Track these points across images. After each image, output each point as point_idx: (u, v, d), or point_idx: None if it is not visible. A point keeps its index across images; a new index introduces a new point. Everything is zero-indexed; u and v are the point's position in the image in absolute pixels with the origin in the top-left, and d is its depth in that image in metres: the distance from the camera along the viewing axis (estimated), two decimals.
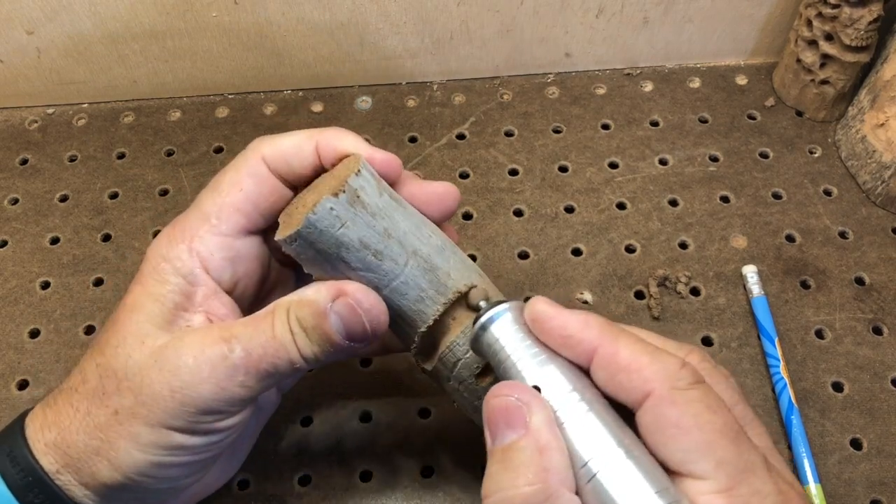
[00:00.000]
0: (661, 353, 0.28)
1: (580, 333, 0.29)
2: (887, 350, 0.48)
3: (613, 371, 0.28)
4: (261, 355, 0.32)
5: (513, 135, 0.58)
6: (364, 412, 0.46)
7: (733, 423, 0.27)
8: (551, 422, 0.28)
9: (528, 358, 0.30)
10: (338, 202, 0.32)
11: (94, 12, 0.54)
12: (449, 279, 0.34)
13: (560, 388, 0.29)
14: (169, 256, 0.35)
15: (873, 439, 0.45)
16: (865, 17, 0.51)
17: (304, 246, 0.33)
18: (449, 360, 0.35)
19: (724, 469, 0.26)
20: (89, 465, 0.33)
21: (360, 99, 0.61)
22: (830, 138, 0.58)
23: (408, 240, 0.34)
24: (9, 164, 0.57)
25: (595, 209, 0.54)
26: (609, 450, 0.27)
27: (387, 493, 0.43)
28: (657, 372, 0.28)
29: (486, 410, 0.29)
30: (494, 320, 0.31)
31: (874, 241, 0.52)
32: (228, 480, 0.41)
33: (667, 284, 0.50)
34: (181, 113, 0.60)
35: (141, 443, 0.32)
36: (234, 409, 0.33)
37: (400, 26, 0.57)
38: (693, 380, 0.28)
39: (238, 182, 0.35)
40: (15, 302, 0.50)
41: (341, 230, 0.32)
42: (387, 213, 0.34)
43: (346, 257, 0.33)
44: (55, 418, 0.34)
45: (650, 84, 0.61)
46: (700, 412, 0.27)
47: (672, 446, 0.27)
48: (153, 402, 0.32)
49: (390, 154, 0.36)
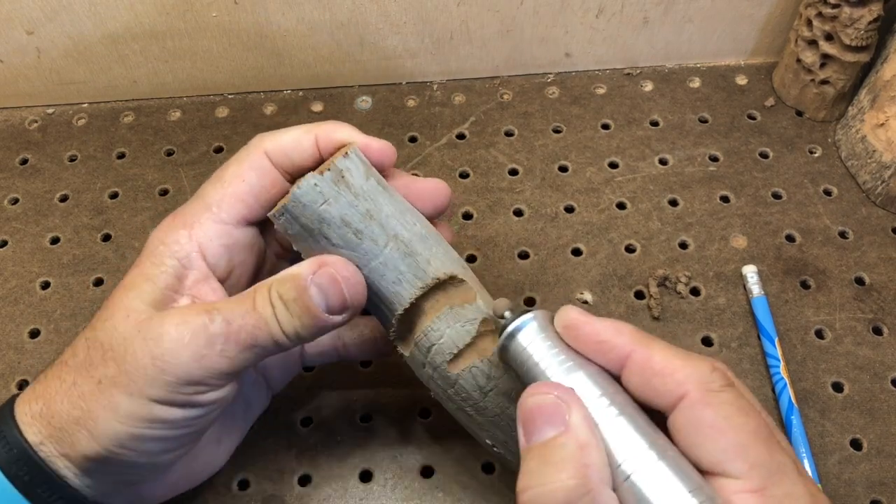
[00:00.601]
0: (693, 356, 0.29)
1: (613, 339, 0.30)
2: (887, 350, 0.48)
3: (648, 375, 0.29)
4: (240, 325, 0.33)
5: (513, 135, 0.58)
6: (364, 412, 0.46)
7: (765, 425, 0.28)
8: (590, 420, 0.28)
9: (556, 365, 0.30)
10: (322, 179, 0.34)
11: (94, 12, 0.54)
12: (429, 266, 0.36)
13: (590, 393, 0.29)
14: (167, 241, 0.36)
15: (873, 439, 0.45)
16: (865, 16, 0.51)
17: (290, 220, 0.35)
18: (423, 344, 0.36)
19: (758, 470, 0.26)
20: (69, 436, 0.33)
21: (360, 99, 0.61)
22: (830, 138, 0.58)
23: (389, 223, 0.35)
24: (9, 164, 0.57)
25: (595, 209, 0.54)
26: (642, 451, 0.27)
27: (387, 492, 0.43)
28: (690, 375, 0.28)
29: (523, 408, 0.29)
30: (521, 329, 0.32)
31: (874, 241, 0.52)
32: (216, 472, 0.42)
33: (667, 284, 0.50)
34: (181, 113, 0.60)
35: (120, 413, 0.33)
36: (215, 381, 0.34)
37: (400, 26, 0.57)
38: (725, 382, 0.28)
39: (241, 174, 0.37)
40: (15, 302, 0.50)
41: (324, 206, 0.34)
42: (371, 195, 0.35)
43: (328, 233, 0.35)
44: (43, 391, 0.35)
45: (650, 84, 0.61)
46: (733, 414, 0.27)
47: (707, 447, 0.27)
48: (135, 370, 0.33)
49: (385, 142, 0.37)
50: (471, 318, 0.36)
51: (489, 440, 0.38)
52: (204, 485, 0.43)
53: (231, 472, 0.44)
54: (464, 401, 0.36)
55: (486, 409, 0.36)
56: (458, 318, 0.36)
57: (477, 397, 0.36)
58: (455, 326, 0.36)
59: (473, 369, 0.36)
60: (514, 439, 0.36)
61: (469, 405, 0.36)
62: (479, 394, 0.36)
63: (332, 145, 0.37)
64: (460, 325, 0.36)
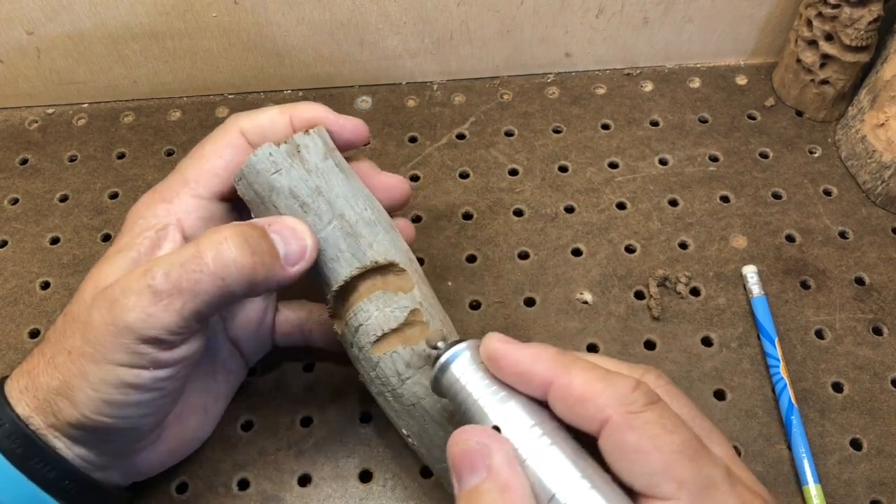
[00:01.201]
0: (614, 376, 0.29)
1: (533, 368, 0.30)
2: (887, 350, 0.48)
3: (570, 402, 0.29)
4: (179, 274, 0.33)
5: (513, 135, 0.58)
6: (364, 412, 0.46)
7: (691, 439, 0.28)
8: (512, 460, 0.28)
9: (489, 396, 0.30)
10: (277, 150, 0.36)
11: (94, 12, 0.54)
12: (370, 249, 0.37)
13: (521, 424, 0.29)
14: (146, 215, 0.38)
15: (873, 440, 0.45)
16: (865, 17, 0.51)
17: (246, 185, 0.37)
18: (353, 324, 0.37)
19: (687, 488, 0.26)
20: (52, 405, 0.34)
21: (360, 99, 0.61)
22: (830, 138, 0.58)
23: (338, 203, 0.37)
24: (9, 164, 0.57)
25: (595, 209, 0.54)
26: (573, 482, 0.27)
27: (387, 493, 0.43)
28: (611, 398, 0.28)
29: (450, 456, 0.29)
30: (453, 360, 0.32)
31: (874, 241, 0.52)
32: (206, 438, 0.43)
33: (667, 284, 0.50)
34: (181, 113, 0.60)
35: (91, 381, 0.33)
36: (172, 337, 0.34)
37: (400, 26, 0.57)
38: (647, 401, 0.28)
39: (218, 150, 0.38)
40: (15, 302, 0.50)
41: (275, 175, 0.36)
42: (324, 174, 0.37)
43: (276, 202, 0.36)
44: (28, 367, 0.36)
45: (650, 84, 0.61)
46: (657, 434, 0.27)
47: (635, 470, 0.27)
48: (95, 338, 0.33)
49: (358, 120, 0.39)
50: (402, 305, 0.37)
51: (405, 430, 0.38)
52: (204, 485, 0.43)
53: (231, 472, 0.44)
54: (383, 385, 0.37)
55: (403, 397, 0.37)
56: (389, 302, 0.37)
57: (395, 383, 0.37)
58: (384, 310, 0.37)
59: (394, 354, 0.36)
60: (426, 432, 0.37)
61: (388, 390, 0.37)
62: (397, 380, 0.37)
63: (306, 125, 0.38)
64: (390, 309, 0.37)
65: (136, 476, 0.40)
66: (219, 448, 0.44)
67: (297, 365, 0.47)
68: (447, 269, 0.51)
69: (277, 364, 0.47)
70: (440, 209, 0.54)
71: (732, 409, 0.46)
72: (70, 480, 0.35)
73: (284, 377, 0.47)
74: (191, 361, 0.36)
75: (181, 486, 0.43)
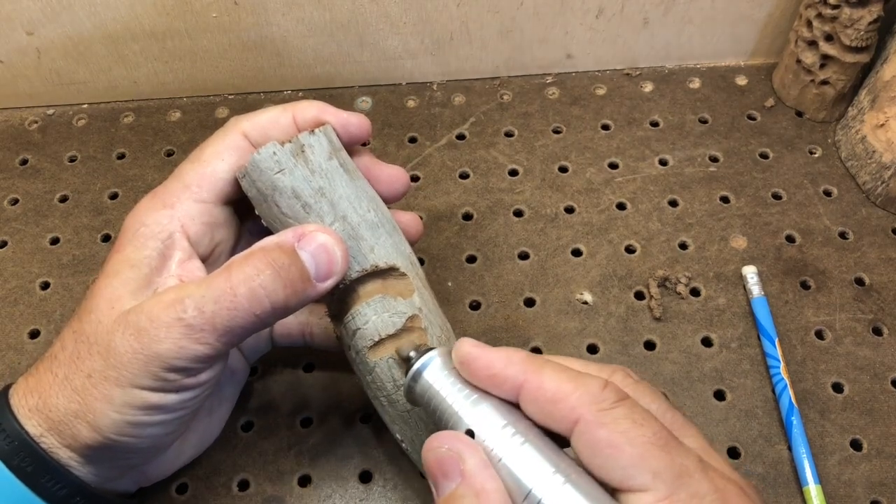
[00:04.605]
0: (584, 377, 0.29)
1: (504, 371, 0.30)
2: (887, 350, 0.48)
3: (541, 403, 0.29)
4: (213, 311, 0.33)
5: (513, 135, 0.58)
6: (364, 413, 0.46)
7: (661, 431, 0.28)
8: (485, 463, 0.29)
9: (462, 400, 0.31)
10: (281, 150, 0.36)
11: (94, 13, 0.54)
12: (371, 253, 0.36)
13: (494, 425, 0.30)
14: (148, 222, 0.36)
15: (873, 440, 0.45)
16: (865, 17, 0.51)
17: (249, 182, 0.36)
18: (350, 327, 0.37)
19: (661, 478, 0.27)
20: (70, 428, 0.34)
21: (360, 99, 0.61)
22: (830, 139, 0.58)
23: (341, 204, 0.36)
24: (9, 165, 0.57)
25: (595, 209, 0.54)
26: (548, 476, 0.28)
27: (387, 493, 0.43)
28: (581, 397, 0.28)
29: (426, 466, 0.30)
30: (425, 368, 0.32)
31: (874, 241, 0.52)
32: (213, 440, 0.43)
33: (667, 285, 0.50)
34: (181, 113, 0.60)
35: (115, 404, 0.33)
36: (201, 365, 0.34)
37: (400, 27, 0.57)
38: (616, 398, 0.28)
39: (219, 153, 0.38)
40: (15, 302, 0.50)
41: (278, 175, 0.35)
42: (329, 175, 0.36)
43: (279, 201, 0.36)
44: (36, 385, 0.35)
45: (650, 84, 0.61)
46: (628, 428, 0.27)
47: (609, 465, 0.27)
48: (120, 364, 0.33)
49: (361, 115, 0.39)
50: (400, 311, 0.37)
51: (399, 434, 0.38)
52: (204, 485, 0.43)
53: (231, 473, 0.44)
54: (379, 390, 0.37)
55: (398, 403, 0.37)
56: (388, 308, 0.37)
57: (390, 389, 0.37)
58: (382, 315, 0.36)
59: (390, 360, 0.36)
60: (419, 438, 0.37)
61: (383, 395, 0.37)
62: (392, 385, 0.37)
63: (311, 124, 0.38)
64: (388, 315, 0.36)
65: (145, 482, 0.40)
66: (219, 449, 0.44)
67: (297, 365, 0.47)
68: (447, 269, 0.51)
69: (277, 365, 0.47)
70: (440, 209, 0.54)
71: (732, 410, 0.46)
72: (80, 496, 0.35)
73: (284, 378, 0.47)
74: (215, 381, 0.36)
75: (181, 486, 0.43)
